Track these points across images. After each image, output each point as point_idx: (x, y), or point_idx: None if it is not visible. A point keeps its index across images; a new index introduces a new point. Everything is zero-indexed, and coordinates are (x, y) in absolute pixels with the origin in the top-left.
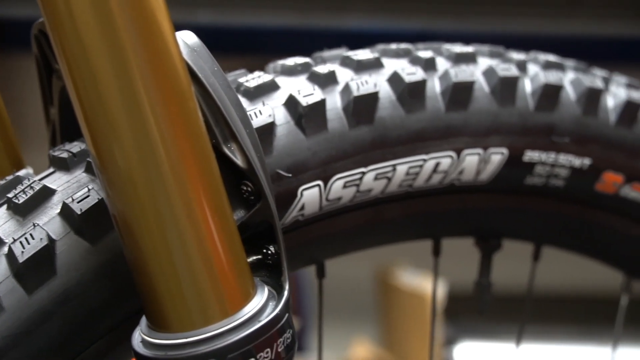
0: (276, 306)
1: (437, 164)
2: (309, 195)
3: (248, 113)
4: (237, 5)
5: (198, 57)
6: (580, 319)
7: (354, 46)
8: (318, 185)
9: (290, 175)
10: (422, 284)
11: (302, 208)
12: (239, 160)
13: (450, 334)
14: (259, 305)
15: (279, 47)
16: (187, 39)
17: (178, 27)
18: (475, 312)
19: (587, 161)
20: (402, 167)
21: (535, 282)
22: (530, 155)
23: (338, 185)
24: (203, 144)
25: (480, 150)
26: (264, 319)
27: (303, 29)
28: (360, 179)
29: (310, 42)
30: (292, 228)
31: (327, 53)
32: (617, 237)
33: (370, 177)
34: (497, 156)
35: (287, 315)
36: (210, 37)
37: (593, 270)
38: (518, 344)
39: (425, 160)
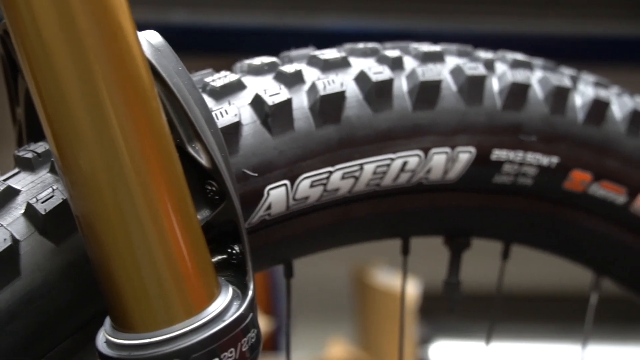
0: (240, 306)
1: (405, 163)
2: (276, 194)
3: (214, 112)
4: (211, 5)
5: (162, 57)
6: (551, 316)
7: (327, 45)
8: (285, 184)
9: (256, 174)
10: (397, 283)
11: (269, 207)
12: (203, 160)
13: (425, 333)
14: (223, 305)
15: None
16: (151, 38)
17: (152, 27)
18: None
19: (555, 160)
20: (369, 166)
21: (507, 281)
22: (498, 154)
23: (305, 185)
24: (166, 143)
25: (447, 149)
26: (228, 319)
27: (277, 28)
28: (328, 178)
29: (284, 42)
30: (259, 227)
31: (294, 52)
32: (586, 235)
33: (338, 177)
34: (465, 155)
35: (251, 314)
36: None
37: (563, 268)
38: (488, 343)
39: (392, 160)
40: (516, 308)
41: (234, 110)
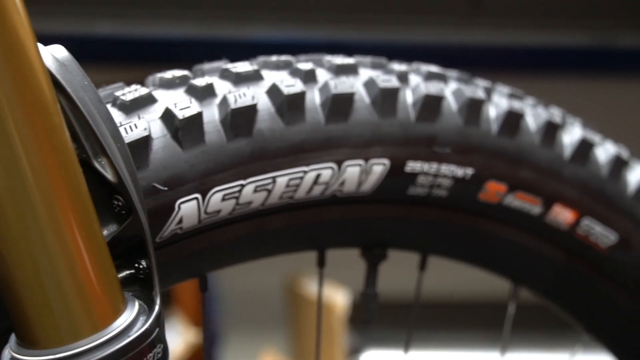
0: (146, 321)
1: (318, 176)
2: (187, 208)
3: (123, 127)
4: (140, 16)
5: (67, 71)
6: (472, 324)
7: (253, 56)
8: (196, 198)
9: (166, 188)
10: (329, 293)
11: (181, 221)
12: (109, 175)
13: (355, 343)
14: (129, 320)
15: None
16: (56, 53)
17: (77, 39)
18: (379, 320)
19: (469, 171)
20: (282, 179)
21: (431, 289)
22: (412, 165)
23: (217, 198)
24: (69, 158)
25: (361, 162)
26: (134, 334)
27: (208, 39)
28: (240, 191)
29: (215, 53)
30: (171, 241)
31: (207, 65)
32: (502, 246)
33: (250, 190)
34: (379, 167)
35: (157, 329)
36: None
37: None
38: (406, 351)
39: (305, 172)
40: (440, 316)
41: (144, 124)
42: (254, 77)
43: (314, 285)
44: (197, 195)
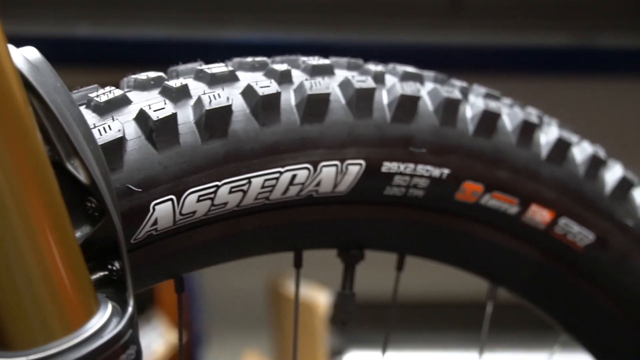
0: (119, 322)
1: (294, 177)
2: (162, 209)
3: (97, 128)
4: (119, 18)
5: (39, 73)
6: (449, 325)
7: (233, 57)
8: (171, 199)
9: (141, 190)
10: (312, 294)
11: (156, 223)
12: (81, 176)
13: (336, 344)
14: (102, 321)
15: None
16: (28, 54)
17: (57, 40)
18: (362, 321)
19: (446, 171)
20: (257, 180)
21: (412, 290)
22: (389, 166)
23: (192, 199)
24: (41, 160)
25: (337, 162)
26: (107, 336)
27: (187, 41)
28: (215, 192)
29: (194, 54)
30: (146, 243)
31: (181, 67)
32: (480, 246)
33: (225, 191)
34: (355, 167)
35: (131, 331)
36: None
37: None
38: (384, 352)
39: (281, 173)
40: (420, 316)
41: (118, 126)
42: (229, 78)
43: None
44: (172, 196)
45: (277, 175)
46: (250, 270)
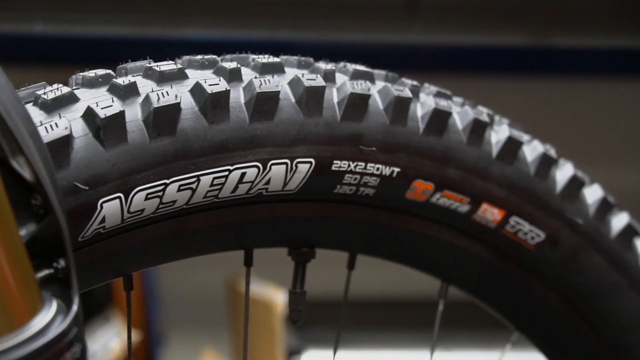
0: (64, 320)
1: (243, 175)
2: (110, 207)
3: (44, 125)
4: (75, 16)
5: None
6: (403, 323)
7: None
8: (119, 197)
9: (88, 188)
10: (269, 293)
11: (103, 220)
12: (26, 174)
13: (294, 343)
14: (46, 319)
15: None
16: None
17: (14, 38)
18: (320, 320)
19: (396, 170)
20: (206, 178)
21: (365, 289)
22: (339, 164)
23: (140, 197)
24: None
25: (287, 160)
26: (51, 334)
27: (142, 39)
28: (163, 190)
29: (148, 53)
30: (94, 241)
31: (130, 64)
32: (431, 244)
33: (174, 189)
34: (305, 166)
35: (76, 329)
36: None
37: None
38: (335, 352)
39: (230, 171)
40: (373, 315)
41: (65, 123)
42: (178, 76)
43: (255, 285)
44: (120, 194)
45: (226, 173)
46: (209, 269)
